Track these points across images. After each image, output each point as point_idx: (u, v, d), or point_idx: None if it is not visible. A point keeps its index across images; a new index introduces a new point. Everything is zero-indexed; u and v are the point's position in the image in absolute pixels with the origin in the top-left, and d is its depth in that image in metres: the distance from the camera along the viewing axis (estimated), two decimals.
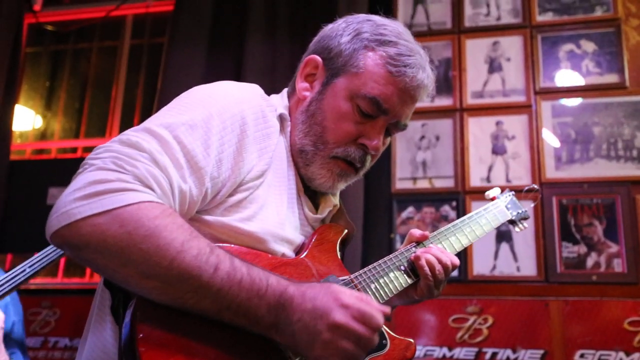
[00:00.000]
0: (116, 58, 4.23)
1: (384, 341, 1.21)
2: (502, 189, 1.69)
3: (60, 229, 0.93)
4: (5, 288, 1.92)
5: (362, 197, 3.10)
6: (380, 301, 1.24)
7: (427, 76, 1.28)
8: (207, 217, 1.12)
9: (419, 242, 1.38)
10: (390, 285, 1.28)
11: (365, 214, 3.11)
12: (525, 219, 1.69)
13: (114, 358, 1.05)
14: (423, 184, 3.22)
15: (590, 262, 2.91)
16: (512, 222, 1.65)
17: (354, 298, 1.03)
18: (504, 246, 3.03)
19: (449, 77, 3.32)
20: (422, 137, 3.29)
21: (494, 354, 2.86)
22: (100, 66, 4.36)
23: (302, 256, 1.21)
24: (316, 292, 1.02)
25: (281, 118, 1.29)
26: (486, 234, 1.53)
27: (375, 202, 3.20)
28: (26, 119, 4.34)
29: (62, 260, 3.82)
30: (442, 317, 2.96)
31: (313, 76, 1.32)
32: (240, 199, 1.14)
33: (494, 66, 3.30)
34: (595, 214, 2.96)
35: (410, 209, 3.18)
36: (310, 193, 1.33)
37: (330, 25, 1.36)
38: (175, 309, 0.97)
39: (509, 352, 2.85)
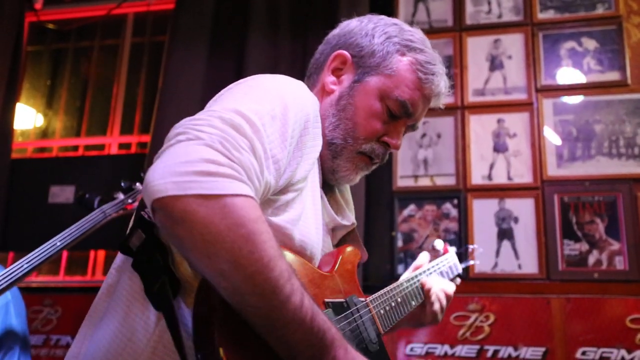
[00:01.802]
0: (117, 56, 4.23)
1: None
2: (445, 246, 1.82)
3: (167, 197, 0.89)
4: (1, 284, 1.92)
5: (364, 195, 3.10)
6: (392, 323, 1.38)
7: (445, 84, 1.38)
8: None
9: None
10: (401, 309, 1.43)
11: (367, 211, 3.11)
12: (459, 276, 1.83)
13: (143, 348, 1.02)
14: (424, 182, 3.22)
15: (591, 259, 2.91)
16: (456, 276, 1.80)
17: None
18: (506, 244, 3.02)
19: (450, 75, 3.31)
20: (424, 135, 3.29)
21: (496, 352, 2.86)
22: (101, 64, 4.36)
23: (334, 271, 1.27)
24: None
25: None
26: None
27: (376, 200, 3.20)
28: (27, 117, 4.34)
29: (64, 259, 3.83)
30: (444, 315, 2.95)
31: (340, 70, 1.36)
32: (291, 199, 1.14)
33: (495, 64, 3.29)
34: (596, 212, 2.96)
35: (411, 207, 3.18)
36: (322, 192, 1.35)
37: (354, 22, 1.40)
38: None
39: (510, 349, 2.85)
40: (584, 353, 2.76)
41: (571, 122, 3.11)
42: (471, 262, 2.05)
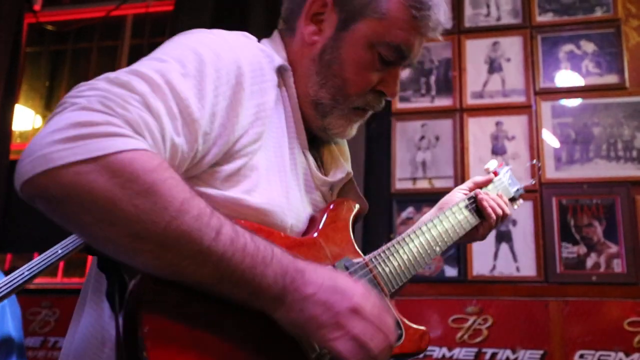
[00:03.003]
0: (116, 58, 4.22)
1: (398, 331, 1.13)
2: (499, 163, 1.62)
3: (35, 176, 0.77)
4: (2, 292, 1.92)
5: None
6: (402, 279, 1.21)
7: (444, 15, 1.19)
8: (207, 190, 0.98)
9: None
10: (408, 264, 1.22)
11: (365, 213, 3.11)
12: (521, 195, 1.64)
13: (112, 348, 0.92)
14: (423, 184, 3.22)
15: (590, 262, 2.91)
16: (512, 199, 1.58)
17: (375, 295, 0.96)
18: (504, 246, 3.02)
19: (449, 78, 3.32)
20: (422, 138, 3.29)
21: (494, 355, 2.86)
22: (100, 66, 4.35)
23: (314, 235, 1.10)
24: (335, 274, 0.94)
25: (280, 69, 1.15)
26: None
27: (375, 202, 3.20)
28: (26, 118, 4.34)
29: (61, 262, 3.82)
30: (442, 317, 2.96)
31: (320, 16, 1.17)
32: (239, 167, 1.01)
33: (494, 66, 3.30)
34: (595, 215, 2.96)
35: (410, 209, 3.18)
36: (312, 151, 1.21)
37: None
38: (181, 293, 0.85)
39: (508, 352, 2.85)
40: (582, 356, 2.76)
41: (569, 125, 3.11)
42: (532, 182, 1.90)
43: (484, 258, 3.02)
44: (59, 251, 1.97)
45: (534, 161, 2.30)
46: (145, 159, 0.80)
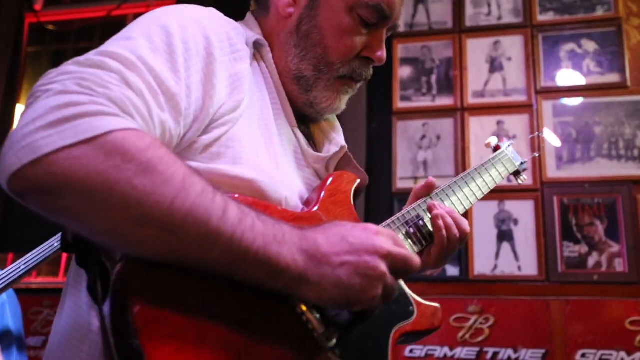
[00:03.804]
0: None
1: (410, 307, 1.11)
2: (500, 139, 1.56)
3: (22, 168, 0.70)
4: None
5: (363, 196, 3.10)
6: None
7: None
8: (191, 165, 0.89)
9: (428, 194, 1.25)
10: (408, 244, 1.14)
11: (366, 213, 3.11)
12: (524, 170, 1.57)
13: (96, 339, 0.86)
14: None
15: (591, 261, 2.91)
16: (516, 173, 1.53)
17: (382, 229, 0.93)
18: (505, 246, 3.02)
19: (450, 77, 3.32)
20: (423, 137, 3.29)
21: (495, 354, 2.86)
22: None
23: (314, 208, 1.04)
24: (339, 231, 0.88)
25: (256, 44, 1.11)
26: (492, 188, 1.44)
27: (376, 202, 3.20)
28: None
29: (63, 260, 3.82)
30: (443, 316, 2.92)
31: None
32: (218, 136, 0.95)
33: (495, 66, 3.29)
34: (596, 214, 2.96)
35: None
36: (303, 128, 1.17)
37: None
38: (171, 272, 0.78)
39: (510, 351, 2.84)
40: (583, 355, 2.75)
41: (571, 124, 3.11)
42: (535, 154, 1.82)
43: (485, 257, 3.02)
44: (55, 244, 1.96)
45: (535, 154, 2.34)
46: (139, 137, 0.75)
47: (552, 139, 3.05)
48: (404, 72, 3.37)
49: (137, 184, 0.72)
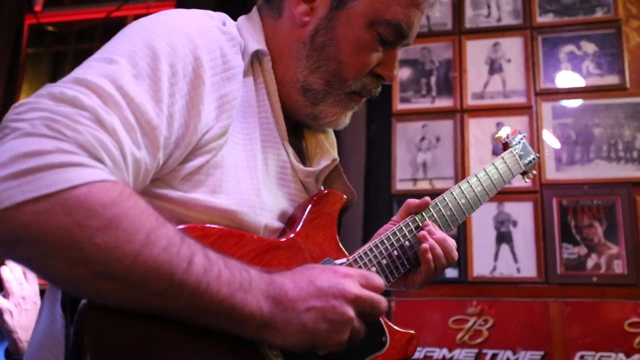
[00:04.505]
0: None
1: (383, 338, 1.09)
2: (514, 131, 1.50)
3: None
4: None
5: (362, 198, 3.10)
6: (389, 280, 1.13)
7: None
8: (169, 193, 0.91)
9: (418, 212, 1.22)
10: (393, 267, 1.14)
11: (366, 214, 3.11)
12: (535, 165, 1.51)
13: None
14: (423, 185, 3.22)
15: (590, 263, 2.91)
16: (523, 173, 1.48)
17: (352, 270, 0.93)
18: (504, 247, 3.02)
19: (450, 78, 3.32)
20: (423, 138, 3.29)
21: (494, 356, 2.86)
22: None
23: (292, 235, 1.01)
24: (309, 274, 0.88)
25: (257, 55, 1.08)
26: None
27: (375, 203, 3.20)
28: None
29: None
30: (442, 318, 2.95)
31: None
32: (201, 164, 0.92)
33: (494, 67, 3.29)
34: (595, 216, 2.96)
35: None
36: (294, 140, 1.14)
37: None
38: (134, 320, 0.77)
39: (509, 353, 2.84)
40: (582, 357, 2.75)
41: (570, 126, 3.11)
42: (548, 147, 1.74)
43: (484, 259, 3.02)
44: None
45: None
46: (104, 191, 0.73)
47: (551, 140, 3.05)
48: (403, 73, 3.38)
49: (98, 242, 0.71)
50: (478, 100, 3.26)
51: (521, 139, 1.49)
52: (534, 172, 1.54)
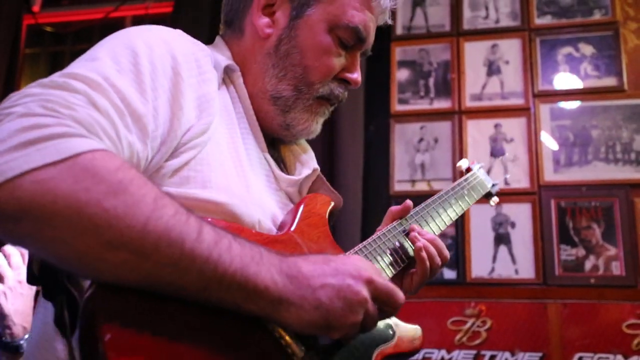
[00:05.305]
0: None
1: (390, 330, 1.11)
2: (472, 161, 1.62)
3: None
4: None
5: (360, 199, 3.10)
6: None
7: None
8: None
9: (403, 216, 1.26)
10: (387, 271, 1.15)
11: (364, 215, 3.11)
12: (497, 192, 1.63)
13: None
14: (421, 186, 3.22)
15: (588, 265, 2.91)
16: (488, 194, 1.60)
17: (367, 262, 0.93)
18: (502, 249, 3.02)
19: (448, 80, 3.33)
20: (421, 140, 3.29)
21: (493, 357, 2.86)
22: None
23: (289, 230, 1.03)
24: (324, 256, 0.89)
25: (227, 70, 1.11)
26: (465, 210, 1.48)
27: (373, 204, 3.20)
28: None
29: None
30: (441, 319, 2.95)
31: (271, 8, 1.15)
32: (187, 160, 0.93)
33: (492, 69, 3.30)
34: (593, 217, 2.96)
35: None
36: (273, 152, 1.17)
37: None
38: (143, 297, 0.74)
39: (507, 354, 2.84)
40: (580, 358, 2.75)
41: (568, 128, 3.12)
42: (507, 176, 1.92)
43: (482, 260, 3.02)
44: None
45: (507, 175, 2.41)
46: (107, 158, 0.72)
47: (549, 142, 3.06)
48: (401, 75, 3.38)
49: (108, 206, 0.69)
50: (476, 101, 3.26)
51: (480, 167, 1.61)
52: (497, 199, 1.65)
